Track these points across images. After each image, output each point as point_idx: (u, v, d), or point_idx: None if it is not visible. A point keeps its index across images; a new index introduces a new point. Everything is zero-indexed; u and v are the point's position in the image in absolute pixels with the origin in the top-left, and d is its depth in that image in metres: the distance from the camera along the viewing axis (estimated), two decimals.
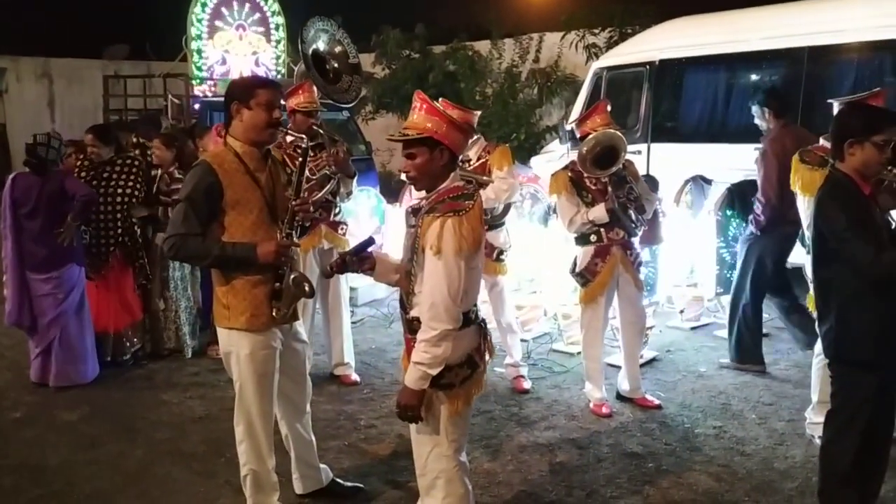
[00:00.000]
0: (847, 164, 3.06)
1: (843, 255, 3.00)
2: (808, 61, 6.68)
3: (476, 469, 3.96)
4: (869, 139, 2.98)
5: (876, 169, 3.04)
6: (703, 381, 5.22)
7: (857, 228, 2.94)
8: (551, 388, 5.14)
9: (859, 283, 3.00)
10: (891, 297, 3.06)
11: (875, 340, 3.04)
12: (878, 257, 2.89)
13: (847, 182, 3.05)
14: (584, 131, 4.53)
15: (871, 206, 3.06)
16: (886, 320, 3.04)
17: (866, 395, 3.08)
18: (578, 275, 4.62)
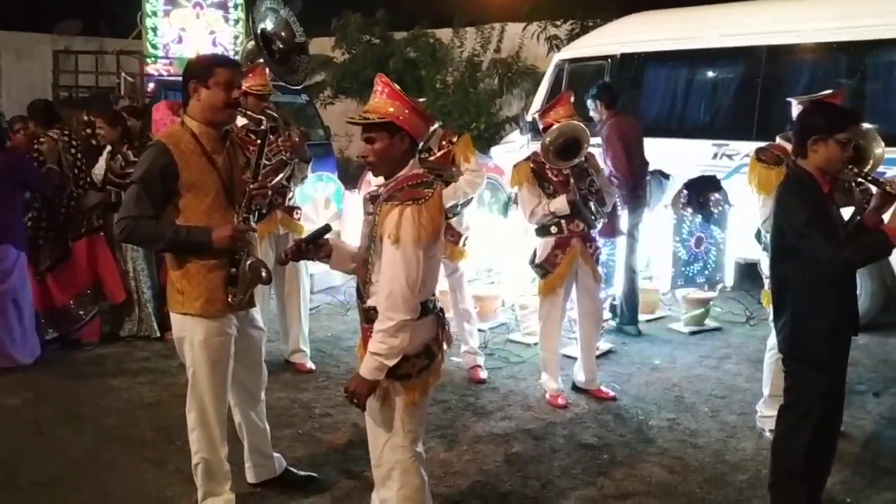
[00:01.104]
0: (809, 161, 3.09)
1: (802, 250, 3.03)
2: (766, 60, 6.77)
3: (432, 459, 3.93)
4: (832, 137, 3.01)
5: (837, 167, 3.07)
6: (658, 374, 5.27)
7: (817, 224, 2.98)
8: (507, 378, 5.14)
9: (815, 280, 3.05)
10: (844, 295, 3.12)
11: (828, 338, 3.09)
12: (836, 253, 2.93)
13: (808, 179, 3.08)
14: (547, 122, 4.52)
15: (829, 203, 3.10)
16: (839, 318, 3.10)
17: (819, 392, 3.14)
18: (538, 266, 4.62)
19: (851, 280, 3.26)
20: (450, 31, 13.74)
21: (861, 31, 6.22)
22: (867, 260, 3.15)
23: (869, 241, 2.98)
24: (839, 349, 3.16)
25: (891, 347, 5.87)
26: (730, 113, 7.17)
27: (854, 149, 3.10)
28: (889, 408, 4.75)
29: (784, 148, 4.13)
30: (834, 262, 2.95)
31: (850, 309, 3.18)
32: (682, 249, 6.18)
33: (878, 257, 3.11)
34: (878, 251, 3.00)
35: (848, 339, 3.20)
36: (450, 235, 4.93)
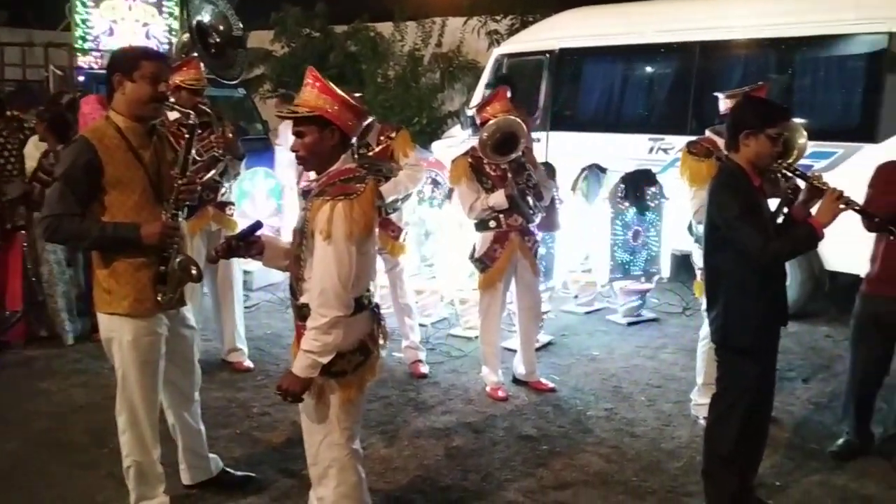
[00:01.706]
0: (741, 155, 3.14)
1: (733, 242, 3.09)
2: (699, 56, 6.92)
3: (372, 455, 3.92)
4: (763, 131, 3.07)
5: (768, 161, 3.13)
6: (596, 365, 5.35)
7: (748, 217, 3.04)
8: (449, 372, 5.15)
9: (746, 272, 3.11)
10: (774, 287, 3.20)
11: (758, 328, 3.17)
12: (766, 245, 3.00)
13: (739, 172, 3.14)
14: (485, 117, 4.53)
15: (760, 196, 3.17)
16: (769, 308, 3.17)
17: (749, 381, 3.22)
18: (477, 260, 4.64)
19: (781, 272, 3.33)
20: (390, 25, 13.66)
21: (790, 29, 6.40)
22: (795, 252, 3.22)
23: (797, 234, 3.06)
24: (769, 339, 3.24)
25: (819, 335, 6.07)
26: (665, 108, 7.30)
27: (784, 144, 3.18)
28: (817, 393, 4.91)
29: (713, 141, 4.22)
30: (763, 254, 3.02)
31: (780, 300, 3.26)
32: (620, 242, 6.27)
33: (806, 249, 3.20)
34: (806, 244, 3.08)
35: (777, 329, 3.29)
36: (390, 230, 4.92)
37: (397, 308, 5.13)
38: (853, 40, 6.18)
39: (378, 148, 4.78)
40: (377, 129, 4.83)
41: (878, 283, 3.84)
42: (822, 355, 5.64)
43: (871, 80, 6.02)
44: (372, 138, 4.79)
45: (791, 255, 3.19)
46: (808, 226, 3.02)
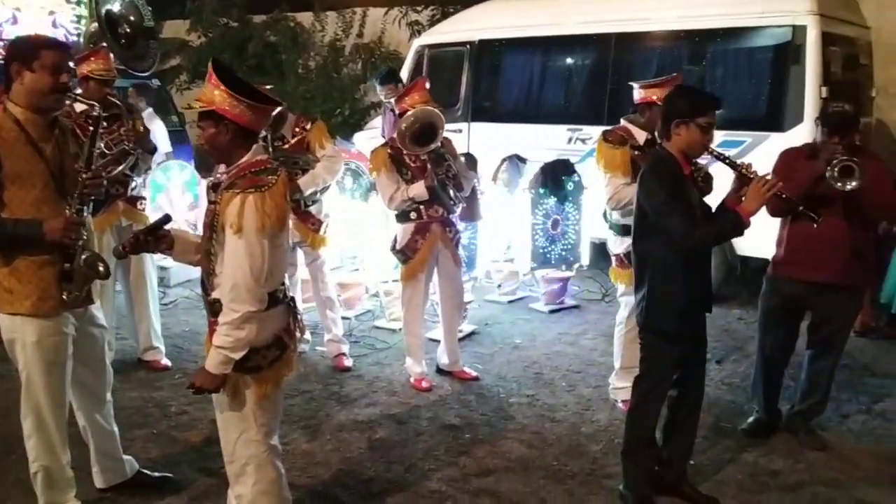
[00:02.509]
0: (673, 143, 3.20)
1: (660, 227, 3.16)
2: (615, 47, 7.05)
3: (294, 451, 3.89)
4: (694, 120, 3.13)
5: (699, 149, 3.20)
6: (518, 353, 5.42)
7: (675, 203, 3.11)
8: (373, 364, 5.13)
9: (672, 257, 3.19)
10: (698, 273, 3.28)
11: (681, 312, 3.25)
12: (691, 231, 3.07)
13: (670, 161, 3.21)
14: (403, 108, 4.51)
15: (689, 185, 3.24)
16: (693, 294, 3.26)
17: (671, 363, 3.31)
18: (399, 252, 4.63)
19: (706, 259, 3.39)
20: (310, 16, 13.45)
21: (701, 21, 6.59)
22: (721, 238, 3.32)
23: (723, 221, 3.15)
24: (693, 324, 3.33)
25: (732, 318, 6.29)
26: (583, 98, 7.43)
27: None
28: (730, 374, 5.09)
29: (628, 129, 4.31)
30: (689, 239, 3.09)
31: (704, 286, 3.34)
32: (541, 231, 6.36)
33: (732, 236, 3.27)
34: (732, 231, 3.15)
35: (702, 315, 3.38)
36: (310, 223, 4.87)
37: (319, 301, 5.09)
38: (760, 33, 6.40)
39: (293, 140, 4.73)
40: (292, 120, 4.78)
41: (783, 266, 3.99)
42: (734, 337, 5.84)
43: (777, 71, 6.25)
44: (287, 130, 4.75)
45: (717, 241, 3.28)
46: (735, 213, 3.10)
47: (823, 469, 3.84)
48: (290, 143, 4.67)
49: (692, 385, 3.47)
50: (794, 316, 4.07)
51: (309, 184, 4.70)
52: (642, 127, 4.26)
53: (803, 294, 3.92)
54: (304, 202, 4.83)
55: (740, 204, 3.11)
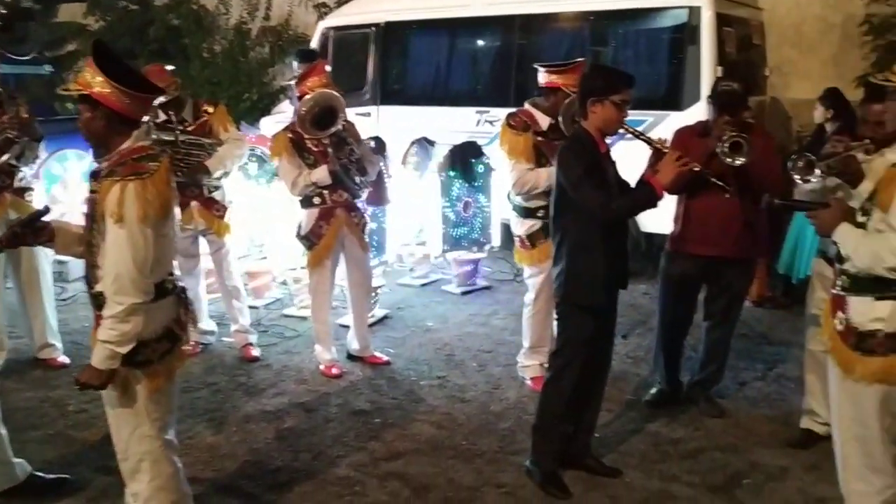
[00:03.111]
0: (589, 121, 3.28)
1: (577, 201, 3.22)
2: (519, 29, 7.10)
3: (198, 444, 3.80)
4: (608, 98, 3.20)
5: (614, 126, 3.28)
6: (430, 335, 5.43)
7: (591, 178, 3.18)
8: (282, 353, 5.05)
9: (589, 232, 3.27)
10: (613, 248, 3.35)
11: (597, 286, 3.32)
12: (607, 204, 3.16)
13: (587, 138, 3.29)
14: (303, 91, 4.44)
15: (605, 161, 3.33)
16: (608, 269, 3.33)
17: (586, 336, 3.38)
18: (304, 238, 4.56)
19: (622, 234, 3.49)
20: None
21: (604, 2, 6.70)
22: (635, 210, 3.41)
23: (637, 194, 3.26)
24: (608, 297, 3.40)
25: (638, 293, 6.44)
26: (490, 81, 7.46)
27: None
28: (635, 347, 5.23)
29: (531, 114, 4.35)
30: (604, 211, 3.18)
31: (620, 261, 3.42)
32: (451, 214, 6.37)
33: (647, 208, 3.34)
34: (647, 202, 3.25)
35: (616, 289, 3.46)
36: (214, 210, 4.76)
37: (224, 292, 4.98)
38: (659, 14, 6.56)
39: (196, 123, 4.62)
40: (191, 103, 4.67)
41: (679, 242, 4.11)
42: (640, 312, 6.00)
43: (675, 52, 6.42)
44: (188, 114, 4.63)
45: (632, 212, 3.41)
46: (648, 185, 3.20)
47: (721, 435, 3.99)
48: (192, 127, 4.55)
49: (601, 360, 3.55)
50: (692, 289, 4.20)
51: (217, 166, 4.61)
52: (546, 111, 4.30)
53: (699, 268, 4.05)
54: (207, 188, 4.71)
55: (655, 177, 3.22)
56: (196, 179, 4.62)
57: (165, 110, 4.51)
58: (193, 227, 4.76)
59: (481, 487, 3.48)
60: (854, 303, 2.74)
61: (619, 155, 3.54)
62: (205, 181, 4.66)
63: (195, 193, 4.71)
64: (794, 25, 9.52)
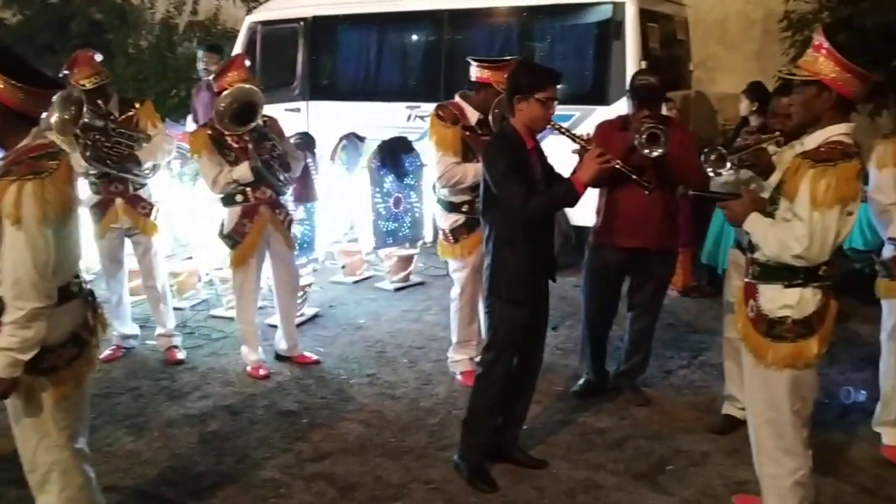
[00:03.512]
0: (516, 118, 3.30)
1: (500, 198, 3.24)
2: (448, 24, 7.09)
3: (117, 451, 3.69)
4: (533, 95, 3.22)
5: (541, 123, 3.30)
6: (362, 333, 5.39)
7: (513, 174, 3.20)
8: (208, 355, 4.95)
9: (512, 226, 3.28)
10: (538, 242, 3.37)
11: (522, 278, 3.34)
12: (526, 199, 3.17)
13: (513, 135, 3.31)
14: (221, 86, 4.34)
15: (531, 158, 3.33)
16: (534, 262, 3.35)
17: (516, 329, 3.39)
18: (227, 237, 4.46)
19: (547, 228, 3.49)
20: None
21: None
22: (553, 206, 3.41)
23: (556, 190, 3.28)
24: (535, 290, 3.41)
25: (568, 286, 6.48)
26: (420, 76, 7.44)
27: None
28: (564, 339, 5.29)
29: (461, 107, 4.34)
30: (523, 207, 3.19)
31: (546, 254, 3.44)
32: (382, 210, 6.32)
33: (565, 204, 3.41)
34: (564, 198, 3.29)
35: (544, 282, 3.48)
36: (139, 207, 4.63)
37: (151, 295, 4.85)
38: (585, 10, 6.63)
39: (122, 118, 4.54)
40: (117, 98, 4.60)
41: (601, 234, 4.17)
42: (570, 304, 6.06)
43: (601, 47, 6.50)
44: (114, 108, 4.55)
45: (549, 208, 3.37)
46: (568, 181, 3.23)
47: (646, 423, 4.07)
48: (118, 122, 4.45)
49: (532, 354, 3.57)
50: (615, 281, 4.26)
51: (147, 157, 4.54)
52: (476, 106, 4.30)
53: (621, 260, 4.11)
54: (133, 184, 4.59)
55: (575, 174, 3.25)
56: (126, 168, 4.51)
57: (93, 100, 4.38)
58: (119, 225, 4.63)
59: (409, 484, 3.47)
60: (764, 291, 2.81)
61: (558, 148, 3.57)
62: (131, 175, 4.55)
63: (119, 190, 4.59)
64: (718, 22, 9.76)
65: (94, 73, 4.42)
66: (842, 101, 2.68)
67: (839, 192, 2.57)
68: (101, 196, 4.61)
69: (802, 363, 2.77)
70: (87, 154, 4.37)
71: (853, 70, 2.63)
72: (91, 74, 4.40)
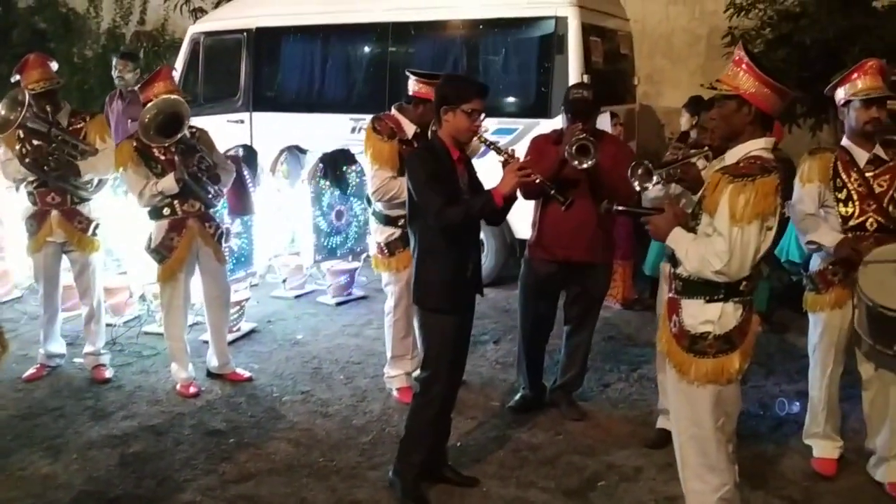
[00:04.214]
0: (443, 129, 3.27)
1: (421, 207, 3.20)
2: (392, 36, 7.04)
3: (31, 476, 3.55)
4: (459, 107, 3.19)
5: (467, 135, 3.28)
6: (299, 349, 5.28)
7: (434, 183, 3.16)
8: (137, 373, 4.80)
9: (435, 236, 3.24)
10: (461, 252, 3.32)
11: (446, 287, 3.28)
12: (442, 209, 3.13)
13: (439, 145, 3.28)
14: (148, 97, 4.23)
15: (455, 169, 3.29)
16: (456, 272, 3.29)
17: (446, 340, 3.33)
18: (154, 251, 4.34)
19: (470, 239, 3.43)
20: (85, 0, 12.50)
21: (473, 11, 6.72)
22: (470, 217, 3.28)
23: (474, 202, 3.23)
24: (458, 302, 3.35)
25: (512, 299, 6.44)
26: (364, 88, 7.35)
27: None
28: (505, 353, 5.23)
29: (397, 120, 4.28)
30: (439, 217, 3.15)
31: (469, 266, 3.37)
32: (324, 223, 6.24)
33: (483, 216, 3.33)
34: (482, 210, 3.23)
35: (469, 293, 3.41)
36: (77, 221, 4.49)
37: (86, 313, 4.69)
38: (527, 24, 6.61)
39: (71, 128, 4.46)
40: (68, 108, 4.53)
41: (536, 247, 4.14)
42: (513, 317, 5.95)
43: (543, 61, 6.49)
44: (63, 118, 4.46)
45: (466, 219, 3.25)
46: (488, 193, 3.20)
47: (581, 438, 4.03)
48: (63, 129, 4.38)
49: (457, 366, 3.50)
50: (550, 294, 4.22)
51: (88, 169, 4.44)
52: (412, 119, 4.25)
53: (556, 273, 4.08)
54: (71, 197, 4.44)
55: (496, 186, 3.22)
56: (65, 178, 4.38)
57: (41, 105, 4.24)
58: (54, 239, 4.48)
59: None
60: (686, 306, 2.80)
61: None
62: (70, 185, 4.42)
63: (56, 202, 4.44)
64: (664, 37, 9.89)
65: (43, 78, 4.33)
66: (761, 115, 2.69)
67: (758, 207, 2.57)
68: (38, 207, 4.46)
69: (725, 378, 2.75)
70: (25, 160, 4.23)
71: (772, 85, 2.64)
72: (40, 79, 4.31)
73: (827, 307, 3.57)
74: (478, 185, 3.44)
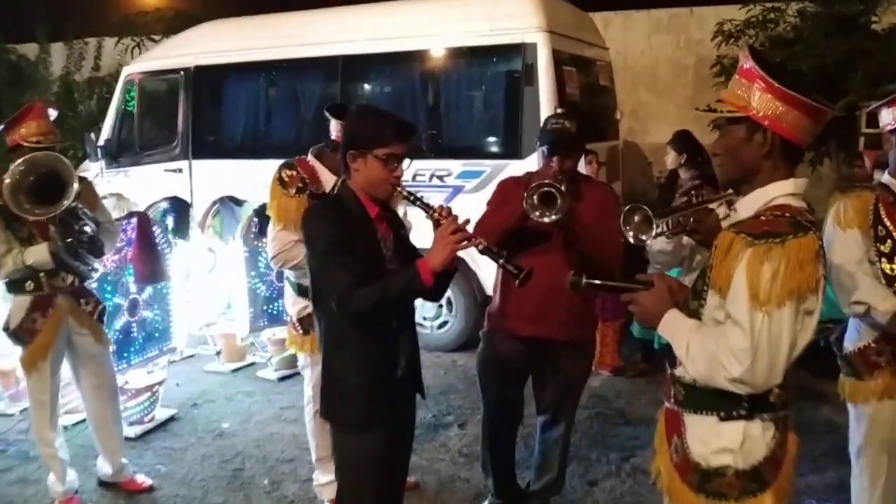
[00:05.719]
0: (353, 180, 2.41)
1: (322, 284, 2.35)
2: (342, 71, 6.26)
3: None
4: (371, 152, 2.33)
5: (385, 188, 2.38)
6: (222, 442, 4.37)
7: (339, 252, 2.29)
8: (14, 483, 3.89)
9: (345, 324, 2.36)
10: (385, 343, 2.44)
11: (358, 397, 2.42)
12: (350, 289, 2.25)
13: (350, 199, 2.41)
14: (15, 141, 3.39)
15: (374, 230, 2.42)
16: (378, 372, 2.42)
17: (369, 460, 2.45)
18: (12, 334, 3.44)
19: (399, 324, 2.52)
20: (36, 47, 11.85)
21: (430, 41, 5.96)
22: (387, 302, 2.31)
23: (394, 280, 2.31)
24: (383, 413, 2.46)
25: None
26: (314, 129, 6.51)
27: None
28: (472, 440, 4.30)
29: (312, 168, 3.45)
30: (343, 300, 2.27)
31: (401, 361, 2.49)
32: (261, 286, 5.36)
33: (406, 298, 2.45)
34: (405, 291, 2.32)
35: (398, 400, 2.53)
36: None
37: None
38: (491, 53, 5.84)
39: None
40: None
41: (498, 318, 3.26)
42: None
43: (511, 94, 5.71)
44: None
45: (380, 306, 2.30)
46: (413, 268, 2.30)
47: None
48: None
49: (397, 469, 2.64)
50: (516, 377, 3.33)
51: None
52: (333, 169, 3.40)
53: (522, 351, 3.19)
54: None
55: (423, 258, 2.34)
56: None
57: None
58: None
59: None
60: (693, 425, 1.92)
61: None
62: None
63: None
64: (647, 68, 9.21)
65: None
66: (783, 145, 1.85)
67: (791, 281, 1.71)
68: None
69: None
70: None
71: (798, 101, 1.80)
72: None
73: (873, 397, 2.71)
74: (409, 250, 2.58)
